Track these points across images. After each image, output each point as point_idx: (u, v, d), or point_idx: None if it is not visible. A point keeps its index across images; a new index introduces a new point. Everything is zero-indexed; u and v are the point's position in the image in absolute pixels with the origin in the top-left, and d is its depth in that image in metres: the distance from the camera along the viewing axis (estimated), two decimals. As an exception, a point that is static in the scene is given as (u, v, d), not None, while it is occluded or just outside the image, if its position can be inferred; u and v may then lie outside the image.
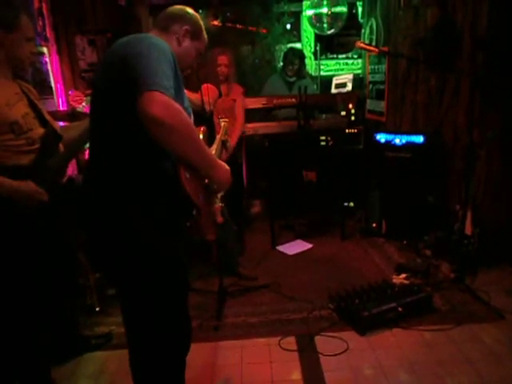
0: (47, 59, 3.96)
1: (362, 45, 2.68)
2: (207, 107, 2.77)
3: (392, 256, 3.36)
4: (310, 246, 3.68)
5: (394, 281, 2.83)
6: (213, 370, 2.16)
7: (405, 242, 3.48)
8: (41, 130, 1.81)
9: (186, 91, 2.50)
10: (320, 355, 2.21)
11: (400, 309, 2.42)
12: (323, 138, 3.83)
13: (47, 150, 1.81)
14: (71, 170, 3.58)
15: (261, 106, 3.64)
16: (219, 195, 1.68)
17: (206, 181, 1.48)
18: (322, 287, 2.88)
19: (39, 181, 1.74)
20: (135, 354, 1.52)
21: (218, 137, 1.77)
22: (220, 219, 1.67)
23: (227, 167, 1.49)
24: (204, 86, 2.83)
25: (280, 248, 3.66)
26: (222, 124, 1.78)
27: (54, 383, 2.03)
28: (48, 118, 1.94)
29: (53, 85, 4.00)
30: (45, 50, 3.92)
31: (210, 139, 1.74)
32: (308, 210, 3.92)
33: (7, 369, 1.92)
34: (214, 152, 1.76)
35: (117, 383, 2.08)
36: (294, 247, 3.67)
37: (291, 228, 4.00)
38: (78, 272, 2.56)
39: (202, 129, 1.60)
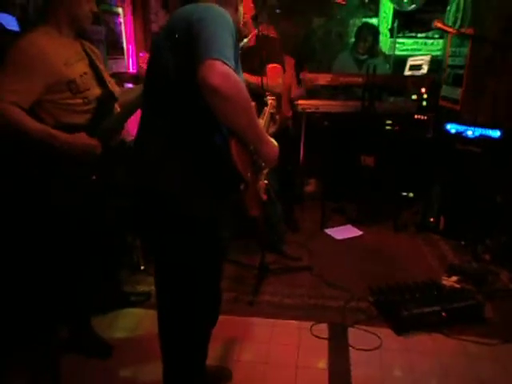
0: (121, 20, 4.05)
1: (439, 25, 2.44)
2: (277, 89, 2.70)
3: (446, 255, 3.16)
4: (359, 232, 3.56)
5: (444, 282, 2.66)
6: (240, 345, 2.18)
7: (463, 243, 3.25)
8: (98, 91, 1.85)
9: (245, 74, 2.48)
10: (350, 348, 2.15)
11: (444, 313, 2.27)
12: (389, 122, 3.62)
13: (103, 111, 1.86)
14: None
15: (325, 83, 3.48)
16: (265, 172, 1.66)
17: (254, 156, 1.48)
18: (364, 278, 2.78)
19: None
20: (163, 317, 1.56)
21: (266, 109, 1.74)
22: (264, 196, 1.66)
23: (276, 144, 1.50)
24: (269, 68, 2.67)
25: (328, 231, 3.57)
26: (270, 102, 1.75)
27: (93, 331, 2.16)
28: (108, 79, 1.98)
29: (124, 46, 4.10)
30: (120, 10, 4.00)
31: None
32: (362, 195, 3.77)
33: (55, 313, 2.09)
34: (262, 124, 1.72)
35: (149, 339, 2.16)
36: (343, 232, 3.57)
37: (343, 212, 3.88)
38: (127, 230, 2.66)
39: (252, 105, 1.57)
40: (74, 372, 1.98)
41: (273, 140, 1.48)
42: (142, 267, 2.84)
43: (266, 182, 1.64)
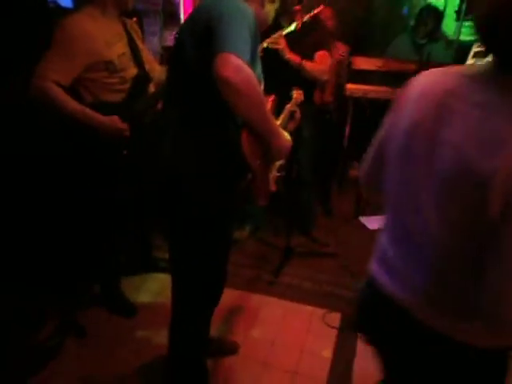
0: (180, -9, 4.11)
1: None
2: (325, 77, 2.69)
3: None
4: (395, 224, 3.48)
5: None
6: (252, 322, 2.29)
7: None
8: (134, 71, 1.95)
9: (310, 64, 2.50)
10: (359, 340, 2.18)
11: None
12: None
13: (137, 91, 1.96)
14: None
15: (375, 68, 3.35)
16: (277, 164, 1.69)
17: (266, 148, 1.51)
18: (389, 272, 2.75)
19: (126, 117, 1.92)
20: (175, 291, 1.70)
21: (287, 107, 1.75)
22: (274, 188, 1.70)
23: (289, 138, 1.53)
24: (318, 55, 2.64)
25: (362, 219, 3.53)
26: (294, 96, 1.75)
27: (121, 291, 2.37)
28: (147, 58, 2.07)
29: (182, 18, 4.17)
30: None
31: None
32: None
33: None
34: (281, 121, 1.74)
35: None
36: (379, 222, 3.49)
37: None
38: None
39: (271, 98, 1.59)
40: (98, 325, 2.20)
41: (285, 133, 1.51)
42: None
43: (278, 174, 1.66)
